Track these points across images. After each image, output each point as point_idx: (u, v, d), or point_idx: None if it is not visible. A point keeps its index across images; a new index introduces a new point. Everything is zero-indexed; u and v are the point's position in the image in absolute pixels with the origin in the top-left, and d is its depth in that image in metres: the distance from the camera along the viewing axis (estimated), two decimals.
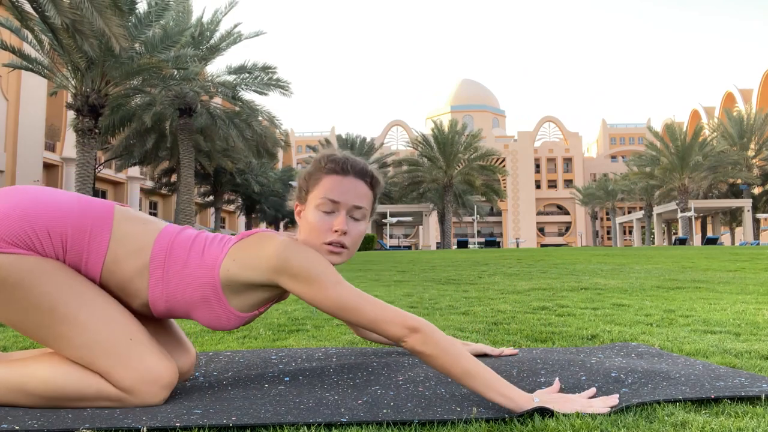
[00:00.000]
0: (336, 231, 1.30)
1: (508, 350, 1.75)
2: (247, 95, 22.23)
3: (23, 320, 1.21)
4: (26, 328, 1.22)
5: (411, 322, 1.21)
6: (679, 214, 37.69)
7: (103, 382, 1.21)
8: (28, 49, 16.60)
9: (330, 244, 1.31)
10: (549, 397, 1.20)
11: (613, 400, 1.19)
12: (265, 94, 21.70)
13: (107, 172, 34.61)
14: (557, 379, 1.34)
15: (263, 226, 52.13)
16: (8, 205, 1.20)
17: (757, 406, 1.18)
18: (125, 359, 1.20)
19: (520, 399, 1.15)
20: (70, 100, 16.31)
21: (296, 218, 1.38)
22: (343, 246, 1.32)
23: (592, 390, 1.25)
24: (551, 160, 70.35)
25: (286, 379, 1.45)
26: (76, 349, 1.21)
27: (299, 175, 1.39)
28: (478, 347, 1.74)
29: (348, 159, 1.36)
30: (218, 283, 1.28)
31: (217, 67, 30.97)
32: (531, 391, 1.25)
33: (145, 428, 1.06)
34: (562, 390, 1.30)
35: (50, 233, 1.21)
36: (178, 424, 1.08)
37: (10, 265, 1.17)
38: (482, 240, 39.14)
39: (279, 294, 1.36)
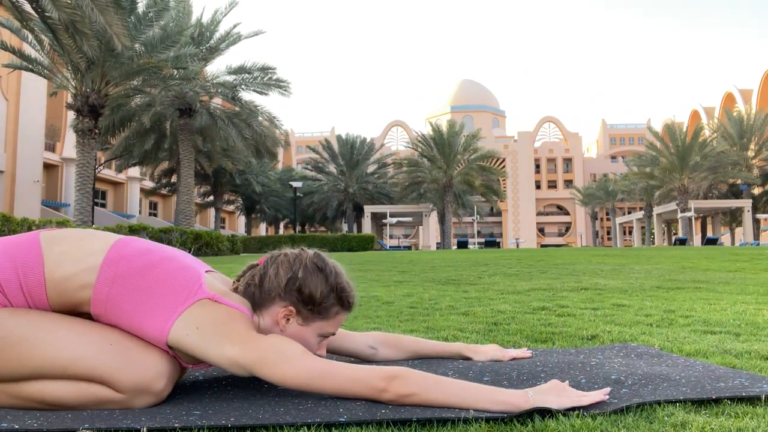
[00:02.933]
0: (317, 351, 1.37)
1: (519, 352, 1.72)
2: (247, 95, 22.25)
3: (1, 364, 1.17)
4: (6, 370, 1.18)
5: (385, 372, 1.19)
6: (679, 215, 37.69)
7: (100, 389, 1.19)
8: (28, 49, 16.60)
9: None
10: (543, 391, 1.20)
11: (606, 390, 1.22)
12: (265, 94, 21.71)
13: (107, 173, 34.61)
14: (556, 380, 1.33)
15: (263, 226, 52.10)
16: None
17: (758, 407, 1.18)
18: (115, 362, 1.19)
19: (514, 399, 1.16)
20: (70, 100, 16.31)
21: (277, 316, 1.32)
22: None
23: (602, 391, 1.25)
24: (551, 161, 70.36)
25: None
26: (64, 368, 1.18)
27: (310, 287, 1.33)
28: (489, 350, 1.71)
29: (355, 298, 1.44)
30: (164, 345, 1.23)
31: (216, 68, 30.90)
32: None
33: (144, 428, 1.06)
34: None
35: None
36: (177, 425, 1.08)
37: None
38: (482, 240, 39.14)
39: None
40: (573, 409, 1.15)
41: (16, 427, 1.06)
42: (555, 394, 1.19)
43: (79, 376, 1.18)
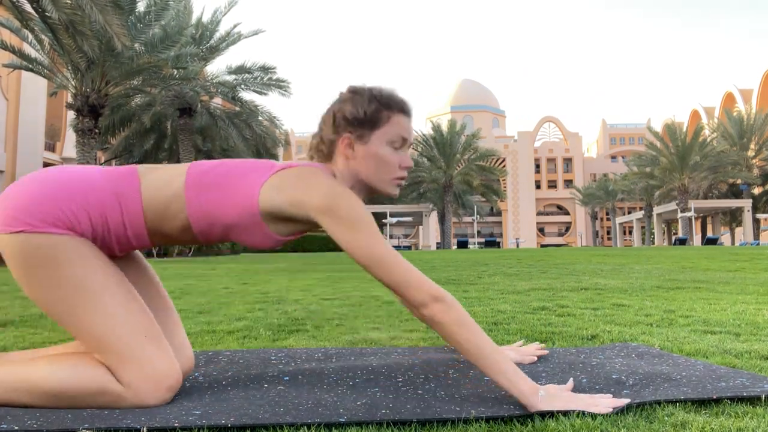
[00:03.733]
0: (404, 167, 1.38)
1: (531, 349, 1.71)
2: (247, 95, 22.24)
3: (48, 297, 1.23)
4: (49, 305, 1.24)
5: (435, 291, 1.22)
6: (679, 215, 37.70)
7: (107, 379, 1.21)
8: (28, 49, 16.59)
9: (398, 179, 1.38)
10: (555, 392, 1.19)
11: (621, 402, 1.18)
12: (265, 94, 21.71)
13: None
14: (571, 379, 1.32)
15: None
16: (43, 187, 1.24)
17: (758, 407, 1.18)
18: (136, 355, 1.22)
19: (526, 388, 1.16)
20: (70, 100, 16.31)
21: (344, 151, 1.36)
22: (403, 179, 1.39)
23: (608, 396, 1.24)
24: (551, 161, 70.34)
25: (285, 379, 1.45)
26: (92, 335, 1.22)
27: (355, 111, 1.36)
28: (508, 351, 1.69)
29: (405, 98, 1.41)
30: (257, 209, 1.29)
31: (217, 67, 30.92)
32: None
33: (144, 428, 1.06)
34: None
35: (85, 209, 1.24)
36: (177, 425, 1.08)
37: (46, 244, 1.20)
38: (482, 240, 39.16)
39: (316, 226, 1.36)
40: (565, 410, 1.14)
41: (16, 428, 1.06)
42: (566, 396, 1.19)
43: (98, 347, 1.22)
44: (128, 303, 1.26)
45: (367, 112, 1.35)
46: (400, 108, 1.39)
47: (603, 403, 1.17)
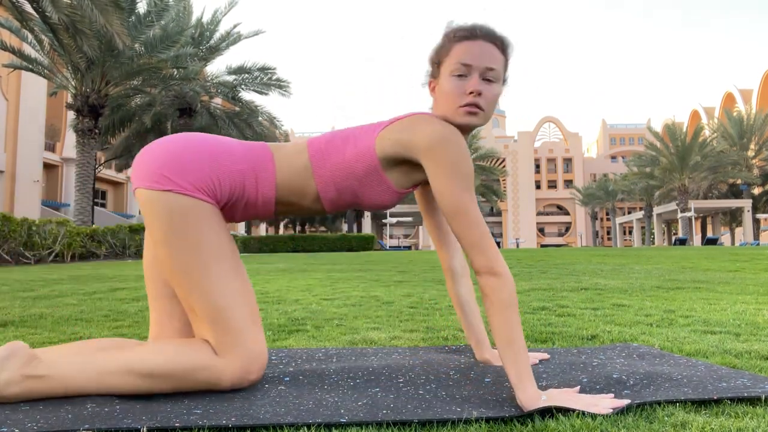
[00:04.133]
0: (471, 93, 1.32)
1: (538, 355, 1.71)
2: (247, 95, 22.27)
3: (183, 258, 1.28)
4: (180, 265, 1.28)
5: (499, 266, 1.25)
6: (679, 215, 37.70)
7: (210, 356, 1.27)
8: (28, 49, 16.60)
9: (465, 106, 1.33)
10: (556, 394, 1.20)
11: (622, 402, 1.18)
12: (265, 94, 21.72)
13: (107, 172, 34.60)
14: (577, 386, 1.32)
15: (263, 226, 52.05)
16: (194, 152, 1.31)
17: (758, 407, 1.18)
18: (243, 333, 1.29)
19: (532, 391, 1.17)
20: (70, 100, 16.31)
21: (431, 95, 1.41)
22: (478, 106, 1.34)
23: (609, 396, 1.24)
24: (551, 161, 70.33)
25: (285, 379, 1.45)
26: (212, 303, 1.28)
27: (430, 53, 1.41)
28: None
29: (476, 24, 1.38)
30: (376, 161, 1.34)
31: (217, 68, 30.96)
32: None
33: (144, 428, 1.06)
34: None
35: (229, 177, 1.32)
36: (177, 424, 1.07)
37: (189, 206, 1.28)
38: None
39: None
40: (575, 409, 1.15)
41: (16, 430, 1.05)
42: (567, 396, 1.19)
43: (211, 320, 1.28)
44: (244, 279, 1.34)
45: (435, 50, 1.39)
46: (462, 35, 1.35)
47: (603, 404, 1.17)
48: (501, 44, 1.37)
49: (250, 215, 1.41)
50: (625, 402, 1.18)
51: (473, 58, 1.33)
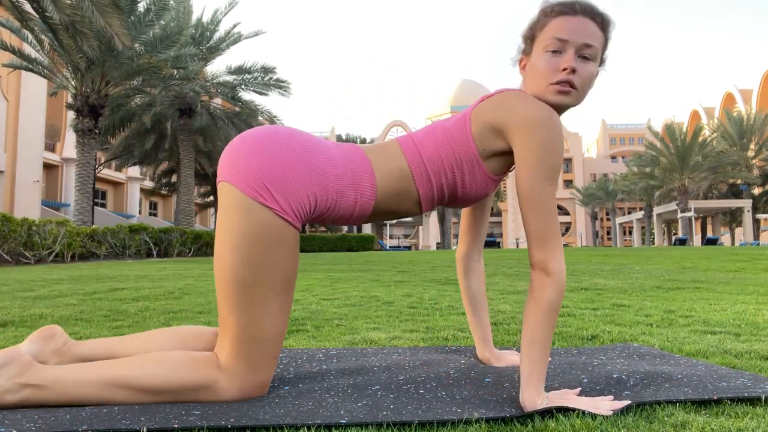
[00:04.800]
0: (564, 69, 1.25)
1: None
2: (247, 95, 22.29)
3: (241, 272, 1.22)
4: (237, 276, 1.22)
5: (554, 265, 1.20)
6: (679, 215, 37.70)
7: (215, 375, 1.24)
8: (28, 49, 16.59)
9: (558, 83, 1.26)
10: (557, 396, 1.20)
11: (622, 403, 1.17)
12: (265, 94, 21.72)
13: (107, 172, 34.60)
14: (579, 389, 1.32)
15: None
16: (305, 173, 1.23)
17: (758, 407, 1.18)
18: (258, 369, 1.25)
19: (533, 393, 1.16)
20: (70, 100, 16.31)
21: (521, 73, 1.35)
22: (572, 85, 1.26)
23: (609, 398, 1.23)
24: None
25: (285, 380, 1.45)
26: (245, 331, 1.23)
27: (524, 29, 1.35)
28: (509, 356, 1.69)
29: (570, 0, 1.30)
30: (473, 146, 1.30)
31: (217, 68, 30.98)
32: None
33: (144, 429, 1.05)
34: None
35: (326, 193, 1.25)
36: (176, 425, 1.07)
37: (280, 230, 1.21)
38: None
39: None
40: (575, 409, 1.14)
41: (14, 431, 1.05)
42: (566, 398, 1.19)
43: (236, 342, 1.23)
44: (287, 316, 1.28)
45: (530, 24, 1.33)
46: (559, 10, 1.28)
47: (603, 405, 1.16)
48: (601, 21, 1.29)
49: (338, 222, 1.34)
50: (625, 403, 1.18)
51: (570, 33, 1.25)
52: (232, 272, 1.23)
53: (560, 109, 1.29)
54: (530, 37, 1.32)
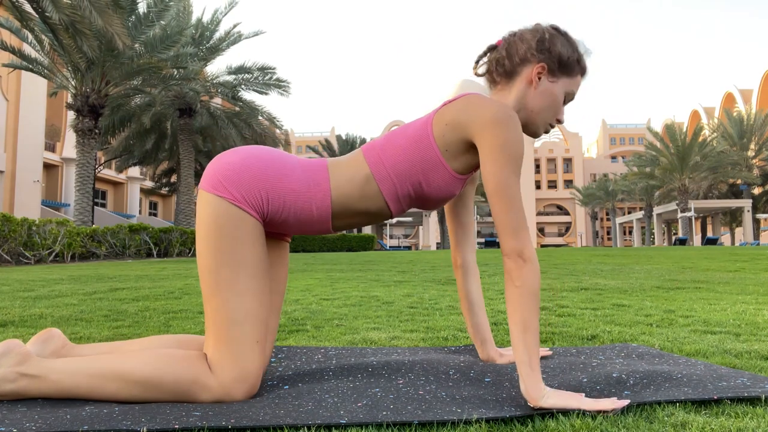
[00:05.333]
0: (558, 120, 1.46)
1: (542, 351, 1.74)
2: (247, 95, 22.32)
3: (213, 262, 1.32)
4: (209, 269, 1.33)
5: (528, 252, 1.26)
6: (679, 215, 37.70)
7: (202, 370, 1.27)
8: (28, 49, 16.61)
9: (550, 125, 1.45)
10: (558, 395, 1.20)
11: (623, 402, 1.18)
12: (265, 94, 21.73)
13: (107, 172, 34.60)
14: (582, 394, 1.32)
15: None
16: (251, 167, 1.35)
17: (758, 407, 1.18)
18: (242, 355, 1.28)
19: (534, 385, 1.18)
20: (70, 100, 16.31)
21: (530, 75, 1.40)
22: (551, 128, 1.48)
23: (611, 399, 1.24)
24: (551, 161, 70.33)
25: (285, 380, 1.45)
26: (224, 315, 1.30)
27: (560, 46, 1.41)
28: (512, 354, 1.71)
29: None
30: (434, 146, 1.36)
31: (217, 67, 30.94)
32: None
33: (144, 429, 1.05)
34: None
35: (281, 195, 1.35)
36: (176, 426, 1.07)
37: (236, 216, 1.33)
38: (482, 240, 39.11)
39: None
40: (569, 409, 1.14)
41: (14, 430, 1.05)
42: (566, 398, 1.19)
43: (216, 331, 1.30)
44: (265, 301, 1.35)
45: (570, 58, 1.41)
46: (585, 72, 1.46)
47: (605, 403, 1.16)
48: None
49: (307, 231, 1.44)
50: (626, 402, 1.18)
51: (576, 91, 1.46)
52: (202, 261, 1.34)
53: (531, 134, 1.46)
54: (566, 69, 1.42)
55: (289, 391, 1.34)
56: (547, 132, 1.45)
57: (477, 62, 1.50)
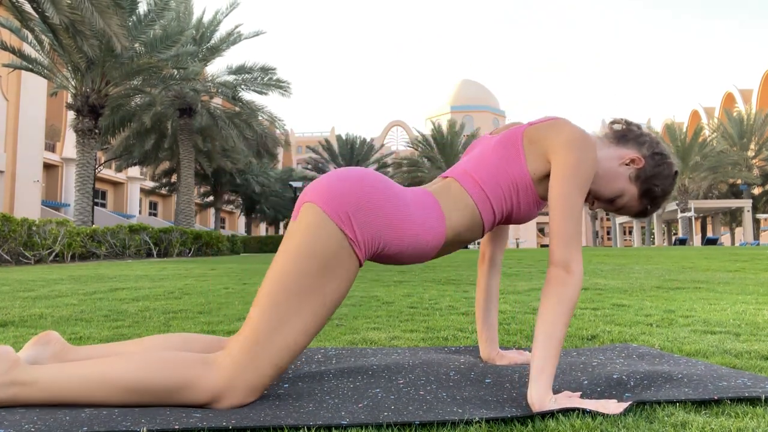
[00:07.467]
0: (591, 202, 1.50)
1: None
2: (247, 95, 22.31)
3: (291, 284, 1.25)
4: (279, 281, 1.25)
5: (575, 264, 1.26)
6: (679, 215, 37.71)
7: (196, 374, 1.21)
8: (28, 49, 16.59)
9: (589, 193, 1.46)
10: (565, 398, 1.20)
11: (627, 403, 1.18)
12: (265, 94, 21.73)
13: (107, 172, 34.60)
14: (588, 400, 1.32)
15: (263, 226, 52.05)
16: (387, 216, 1.30)
17: (758, 407, 1.18)
18: (256, 367, 1.22)
19: (544, 390, 1.17)
20: (70, 100, 16.31)
21: (627, 155, 1.44)
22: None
23: (613, 401, 1.23)
24: None
25: (285, 381, 1.45)
26: (267, 335, 1.23)
27: (661, 179, 1.46)
28: (512, 355, 1.70)
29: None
30: (527, 173, 1.39)
31: (217, 68, 30.97)
32: None
33: (144, 430, 1.05)
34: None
35: (397, 245, 1.32)
36: (176, 427, 1.07)
37: (346, 256, 1.27)
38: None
39: None
40: (574, 409, 1.14)
41: None
42: (570, 400, 1.19)
43: (256, 345, 1.22)
44: (313, 331, 1.28)
45: (649, 193, 1.47)
46: (652, 206, 1.51)
47: (611, 405, 1.16)
48: None
49: (405, 262, 1.41)
50: (629, 403, 1.18)
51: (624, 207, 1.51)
52: (284, 275, 1.26)
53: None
54: (642, 184, 1.46)
55: (289, 392, 1.34)
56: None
57: (613, 122, 1.56)
